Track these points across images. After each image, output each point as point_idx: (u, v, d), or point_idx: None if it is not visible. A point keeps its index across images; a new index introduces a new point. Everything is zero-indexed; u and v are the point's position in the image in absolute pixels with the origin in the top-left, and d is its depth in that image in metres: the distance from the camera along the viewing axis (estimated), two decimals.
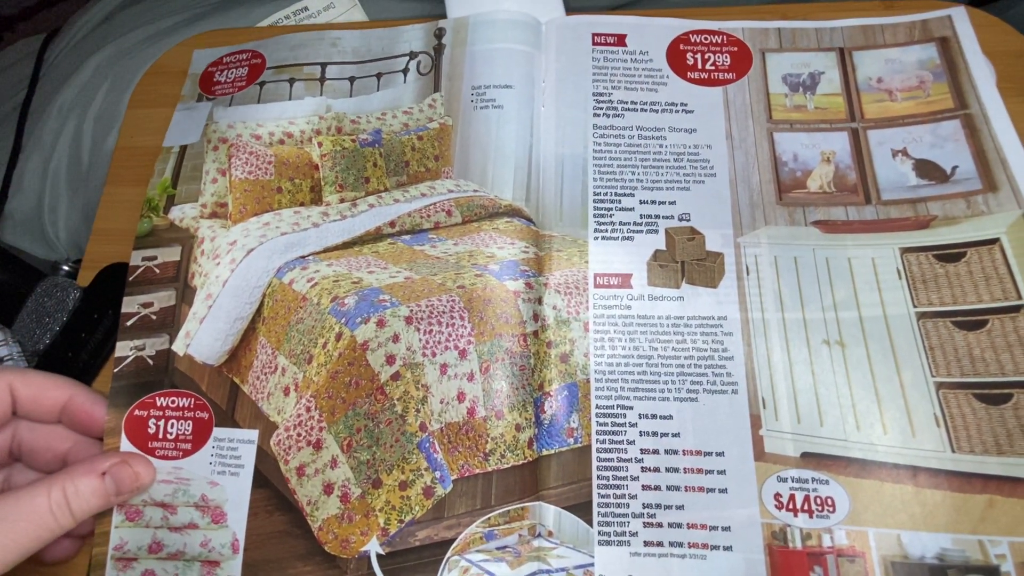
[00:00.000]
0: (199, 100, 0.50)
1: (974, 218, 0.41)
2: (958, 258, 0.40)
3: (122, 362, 0.42)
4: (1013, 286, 0.38)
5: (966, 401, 0.36)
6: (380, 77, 0.50)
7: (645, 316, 0.40)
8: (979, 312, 0.38)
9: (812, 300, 0.40)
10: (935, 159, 0.43)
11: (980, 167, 0.42)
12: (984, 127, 0.43)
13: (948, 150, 0.43)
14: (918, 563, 0.34)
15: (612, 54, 0.48)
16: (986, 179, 0.42)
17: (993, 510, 0.34)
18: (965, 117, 0.44)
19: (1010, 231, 0.39)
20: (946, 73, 0.46)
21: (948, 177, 0.42)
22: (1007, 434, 0.35)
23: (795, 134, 0.45)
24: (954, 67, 0.46)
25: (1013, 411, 0.36)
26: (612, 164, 0.45)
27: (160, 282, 0.44)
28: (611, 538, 0.36)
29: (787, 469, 0.37)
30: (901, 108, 0.45)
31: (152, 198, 0.47)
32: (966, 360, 0.37)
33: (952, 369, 0.37)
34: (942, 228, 0.41)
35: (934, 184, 0.42)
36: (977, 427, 0.36)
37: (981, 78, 0.45)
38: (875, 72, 0.47)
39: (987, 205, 0.41)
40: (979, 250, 0.39)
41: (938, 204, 0.42)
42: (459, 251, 0.43)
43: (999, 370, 0.37)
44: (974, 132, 0.43)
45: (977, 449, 0.35)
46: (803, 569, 0.35)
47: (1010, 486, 0.34)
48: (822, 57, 0.48)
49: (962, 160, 0.43)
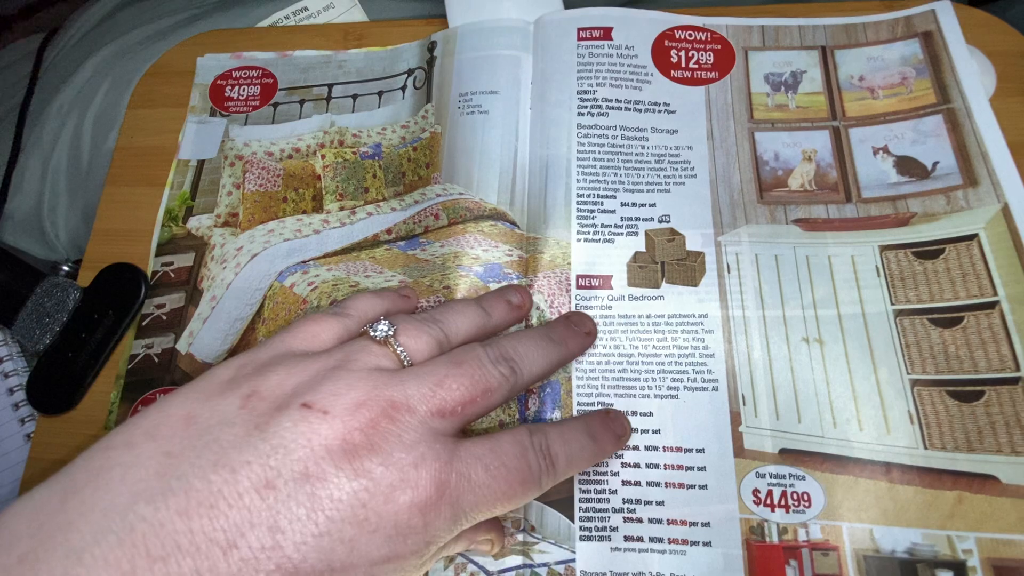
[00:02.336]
0: (212, 115, 0.52)
1: (953, 214, 0.41)
2: (936, 255, 0.40)
3: (134, 359, 0.45)
4: (989, 283, 0.39)
5: (939, 398, 0.37)
6: (381, 95, 0.52)
7: (626, 316, 0.41)
8: (955, 309, 0.38)
9: (792, 298, 0.41)
10: (916, 155, 0.43)
11: (961, 161, 0.42)
12: (967, 121, 0.44)
13: (929, 146, 0.43)
14: (889, 557, 0.34)
15: (598, 49, 0.49)
16: (967, 174, 0.42)
17: (962, 506, 0.34)
18: (948, 112, 0.44)
19: (988, 227, 0.40)
20: (929, 68, 0.46)
21: (929, 173, 0.43)
22: (978, 431, 0.36)
23: (776, 133, 0.46)
24: (937, 62, 0.46)
25: (984, 408, 0.36)
26: (595, 165, 0.45)
27: (174, 285, 0.47)
28: (592, 533, 0.37)
29: (765, 465, 0.37)
30: (883, 105, 0.45)
31: (172, 209, 0.49)
32: (941, 357, 0.38)
33: (927, 366, 0.38)
34: (921, 225, 0.41)
35: (915, 181, 0.43)
36: (949, 424, 0.36)
37: (965, 72, 0.45)
38: (857, 70, 0.47)
39: (967, 200, 0.41)
40: (957, 246, 0.40)
41: (918, 201, 0.42)
42: (445, 252, 0.44)
43: (972, 367, 0.37)
44: (956, 127, 0.44)
45: (948, 446, 0.36)
46: (779, 563, 0.36)
47: (979, 483, 0.35)
48: (804, 56, 0.48)
49: (943, 155, 0.43)
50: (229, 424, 0.26)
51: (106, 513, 0.23)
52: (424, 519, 0.26)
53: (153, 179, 0.50)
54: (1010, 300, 0.38)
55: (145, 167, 0.51)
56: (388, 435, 0.27)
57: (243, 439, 0.25)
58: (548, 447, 0.31)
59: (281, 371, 0.28)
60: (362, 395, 0.27)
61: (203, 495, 0.24)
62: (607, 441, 0.35)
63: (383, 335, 0.31)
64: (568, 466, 0.32)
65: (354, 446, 0.26)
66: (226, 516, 0.23)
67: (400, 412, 0.27)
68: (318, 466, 0.25)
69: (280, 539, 0.23)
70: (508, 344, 0.33)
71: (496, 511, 0.29)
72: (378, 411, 0.27)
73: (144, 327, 0.46)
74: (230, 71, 0.54)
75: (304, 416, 0.26)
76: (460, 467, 0.28)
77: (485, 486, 0.28)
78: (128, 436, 0.26)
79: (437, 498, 0.27)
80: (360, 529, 0.25)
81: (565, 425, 0.34)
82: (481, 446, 0.29)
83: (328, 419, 0.26)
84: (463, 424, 0.30)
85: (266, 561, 0.23)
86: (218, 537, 0.23)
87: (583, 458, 0.33)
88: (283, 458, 0.25)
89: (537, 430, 0.32)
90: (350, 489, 0.25)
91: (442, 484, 0.27)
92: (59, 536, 0.22)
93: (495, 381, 0.31)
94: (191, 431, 0.26)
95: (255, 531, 0.23)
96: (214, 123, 0.52)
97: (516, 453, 0.30)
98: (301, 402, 0.27)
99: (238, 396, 0.27)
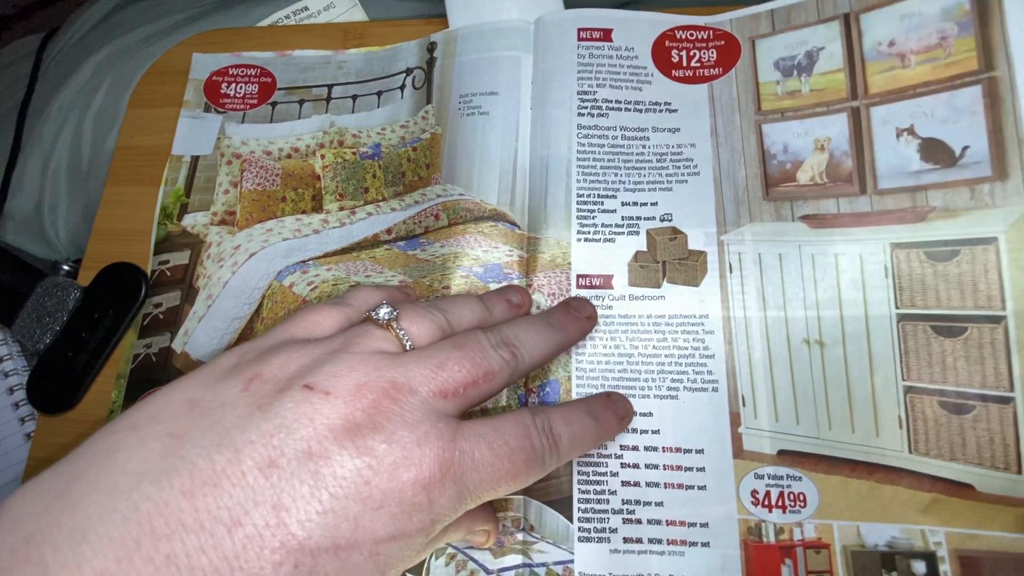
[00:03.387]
0: (206, 110, 0.52)
1: (975, 211, 0.38)
2: (950, 257, 0.38)
3: (137, 359, 0.45)
4: (1000, 295, 0.36)
5: (930, 407, 0.37)
6: (380, 95, 0.52)
7: (626, 315, 0.41)
8: (960, 319, 0.37)
9: (795, 298, 0.40)
10: (945, 137, 0.39)
11: (994, 147, 0.38)
12: (1009, 96, 0.38)
13: (962, 126, 0.39)
14: (872, 551, 0.35)
15: (598, 50, 0.48)
16: (998, 163, 0.38)
17: (936, 505, 0.35)
18: (989, 82, 0.39)
19: (1011, 230, 0.37)
20: (975, 22, 0.40)
21: (956, 160, 0.39)
22: (962, 443, 0.36)
23: (786, 123, 0.44)
24: (987, 13, 0.40)
25: (972, 422, 0.36)
26: (596, 165, 0.45)
27: (170, 284, 0.47)
28: (591, 535, 0.37)
29: (764, 466, 0.37)
30: (914, 75, 0.41)
31: (167, 206, 0.49)
32: (937, 367, 0.37)
33: (923, 375, 0.37)
34: (939, 222, 0.38)
35: (939, 168, 0.39)
36: (936, 432, 0.36)
37: (1017, 30, 0.39)
38: (887, 34, 0.42)
39: (992, 197, 0.38)
40: (973, 249, 0.37)
41: (939, 193, 0.39)
42: (445, 253, 0.44)
43: (968, 381, 0.36)
44: (996, 102, 0.38)
45: (932, 452, 0.36)
46: (775, 562, 0.36)
47: (955, 488, 0.36)
48: (822, 30, 0.45)
49: (975, 139, 0.39)
50: (232, 406, 0.26)
51: (111, 494, 0.23)
52: (428, 496, 0.26)
53: (153, 179, 0.50)
54: (1017, 316, 0.36)
55: (145, 167, 0.51)
56: (391, 414, 0.27)
57: (246, 419, 0.26)
58: (551, 427, 0.31)
59: (283, 355, 0.29)
60: (364, 376, 0.27)
61: (207, 474, 0.24)
62: (610, 421, 0.36)
63: (385, 318, 0.31)
64: (571, 446, 0.32)
65: (356, 425, 0.26)
66: (230, 495, 0.23)
67: (402, 392, 0.28)
68: (321, 445, 0.25)
69: (284, 517, 0.24)
70: (509, 329, 0.34)
71: (500, 491, 0.29)
72: (380, 391, 0.27)
73: (144, 327, 0.46)
74: (226, 68, 0.53)
75: (306, 397, 0.26)
76: (463, 445, 0.28)
77: (489, 464, 0.28)
78: (132, 420, 0.26)
79: (441, 476, 0.27)
80: (364, 506, 0.25)
81: (567, 406, 0.34)
82: (484, 425, 0.29)
83: (330, 399, 0.26)
84: (465, 407, 0.30)
85: (271, 538, 0.23)
86: (222, 515, 0.23)
87: (586, 438, 0.34)
88: (286, 437, 0.25)
89: (539, 411, 0.32)
90: (353, 467, 0.25)
91: (445, 462, 0.27)
92: (65, 517, 0.23)
93: (496, 365, 0.31)
94: (194, 413, 0.26)
95: (259, 509, 0.23)
96: (208, 119, 0.52)
97: (519, 432, 0.30)
98: (303, 383, 0.27)
99: (240, 380, 0.27)
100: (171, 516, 0.23)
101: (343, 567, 0.25)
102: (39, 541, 0.22)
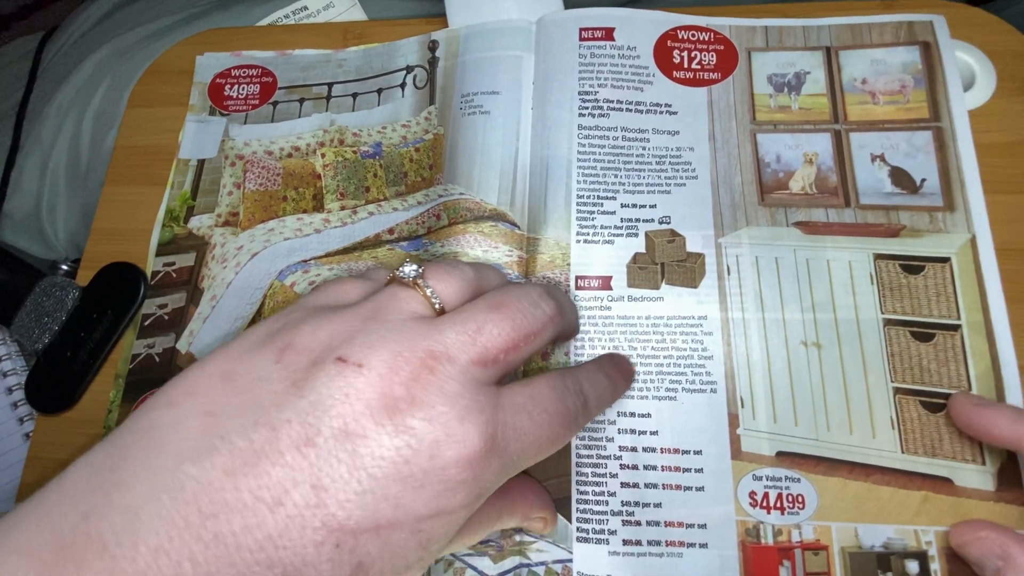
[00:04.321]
0: (211, 114, 0.52)
1: (934, 234, 0.42)
2: (919, 270, 0.41)
3: (136, 359, 0.45)
4: (955, 307, 0.40)
5: (914, 407, 0.38)
6: (380, 93, 0.52)
7: (625, 317, 0.41)
8: (930, 326, 0.40)
9: (792, 301, 0.41)
10: (908, 168, 0.44)
11: (944, 184, 0.43)
12: (951, 144, 0.44)
13: (920, 161, 0.44)
14: (869, 552, 0.36)
15: (600, 49, 0.48)
16: (947, 197, 0.42)
17: (926, 504, 0.36)
18: (936, 131, 0.44)
19: (959, 253, 0.41)
20: (926, 80, 0.46)
21: (918, 188, 0.43)
22: (939, 439, 0.38)
23: (779, 135, 0.45)
24: (933, 75, 0.46)
25: (945, 419, 0.38)
26: (596, 167, 0.45)
27: (175, 285, 0.47)
28: (589, 535, 0.37)
29: (762, 468, 0.38)
30: (882, 112, 0.45)
31: (173, 209, 0.49)
32: (917, 369, 0.39)
33: (907, 376, 0.39)
34: (909, 239, 0.42)
35: (905, 194, 0.43)
36: (920, 431, 0.38)
37: (955, 93, 0.45)
38: (860, 72, 0.47)
39: (944, 223, 0.42)
40: (935, 266, 0.41)
41: (908, 214, 0.42)
42: (445, 252, 0.44)
43: (939, 381, 0.39)
44: (943, 147, 0.44)
45: (919, 451, 0.38)
46: (773, 564, 0.36)
47: (940, 484, 0.37)
48: (808, 56, 0.47)
49: (930, 174, 0.43)
50: (267, 381, 0.26)
51: (157, 472, 0.23)
52: (473, 472, 0.26)
53: (152, 178, 0.50)
54: (969, 326, 0.39)
55: (144, 166, 0.51)
56: (429, 387, 0.26)
57: (282, 396, 0.25)
58: (581, 387, 0.31)
59: (312, 322, 0.28)
60: (398, 346, 0.26)
61: (246, 454, 0.24)
62: (620, 380, 0.37)
63: (412, 275, 0.30)
64: (597, 405, 0.33)
65: (394, 399, 0.25)
66: (269, 474, 0.23)
67: (440, 362, 0.27)
68: (357, 423, 0.25)
69: (324, 496, 0.23)
70: (546, 285, 0.33)
71: (540, 456, 0.29)
72: (417, 362, 0.26)
73: (146, 327, 0.46)
74: (229, 70, 0.54)
75: (340, 371, 0.25)
76: (505, 417, 0.27)
77: (531, 433, 0.28)
78: (169, 396, 0.26)
79: (486, 451, 0.26)
80: (405, 485, 0.24)
81: (587, 368, 0.34)
82: (521, 395, 0.29)
83: (363, 372, 0.25)
84: (505, 372, 0.29)
85: (311, 518, 0.23)
86: (263, 495, 0.23)
87: (606, 398, 0.35)
88: (322, 415, 0.24)
89: (568, 373, 0.32)
90: (392, 446, 0.24)
91: (489, 437, 0.26)
92: (116, 495, 0.23)
93: (538, 323, 0.30)
94: (228, 388, 0.26)
95: (299, 488, 0.23)
96: (213, 122, 0.52)
97: (555, 397, 0.30)
98: (336, 356, 0.26)
99: (272, 350, 0.27)
100: (215, 495, 0.23)
101: (385, 546, 0.24)
102: (96, 518, 0.22)
